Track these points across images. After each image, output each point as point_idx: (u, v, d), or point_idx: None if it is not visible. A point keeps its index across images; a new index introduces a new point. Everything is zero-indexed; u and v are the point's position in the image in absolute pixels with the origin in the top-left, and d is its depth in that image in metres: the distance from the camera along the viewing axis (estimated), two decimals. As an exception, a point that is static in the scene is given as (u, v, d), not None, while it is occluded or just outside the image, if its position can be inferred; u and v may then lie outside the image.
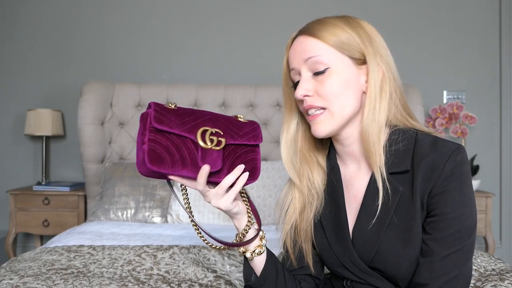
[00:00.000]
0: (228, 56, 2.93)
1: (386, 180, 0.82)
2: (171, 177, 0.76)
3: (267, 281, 0.89)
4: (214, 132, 0.79)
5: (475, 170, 2.70)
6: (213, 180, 0.79)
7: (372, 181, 0.85)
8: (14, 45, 2.94)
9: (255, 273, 0.90)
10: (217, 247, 0.89)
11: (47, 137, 2.87)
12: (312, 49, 0.82)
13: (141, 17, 2.94)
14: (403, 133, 0.84)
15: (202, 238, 0.87)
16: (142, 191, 2.28)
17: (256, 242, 0.88)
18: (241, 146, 0.83)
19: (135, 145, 2.61)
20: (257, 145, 0.85)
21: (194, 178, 0.77)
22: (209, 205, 2.16)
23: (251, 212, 0.87)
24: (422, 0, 2.94)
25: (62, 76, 2.93)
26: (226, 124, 0.82)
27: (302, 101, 0.85)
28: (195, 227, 0.86)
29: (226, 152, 0.80)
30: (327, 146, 0.96)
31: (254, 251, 0.88)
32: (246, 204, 0.87)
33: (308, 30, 0.84)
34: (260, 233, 0.89)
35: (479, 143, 2.90)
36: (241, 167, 0.79)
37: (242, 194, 0.87)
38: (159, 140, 0.75)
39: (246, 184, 0.81)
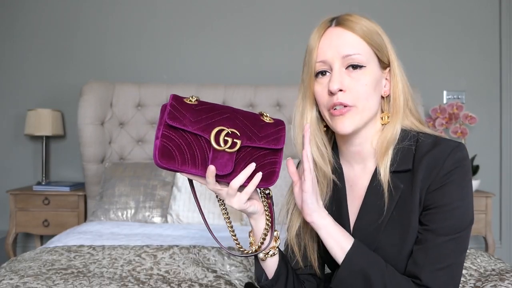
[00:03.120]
0: (228, 56, 2.93)
1: (389, 180, 0.83)
2: (183, 175, 0.76)
3: (278, 282, 0.88)
4: (230, 132, 0.76)
5: (475, 170, 2.70)
6: (225, 181, 0.77)
7: (375, 179, 0.86)
8: (14, 45, 2.94)
9: (265, 273, 0.90)
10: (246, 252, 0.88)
11: (47, 137, 2.87)
12: (351, 46, 0.81)
13: (141, 17, 2.94)
14: (408, 133, 0.85)
15: (239, 246, 0.87)
16: (142, 191, 2.28)
17: (271, 243, 0.86)
18: (259, 148, 0.79)
19: (135, 145, 2.62)
20: (279, 149, 0.81)
21: (204, 178, 0.76)
22: (209, 205, 2.16)
23: (269, 214, 0.85)
24: (422, 0, 2.95)
25: (62, 76, 2.93)
26: (246, 123, 0.78)
27: (330, 95, 0.83)
28: (234, 236, 0.86)
29: (242, 154, 0.77)
30: (331, 143, 0.96)
31: (268, 252, 0.86)
32: (265, 205, 0.85)
33: (347, 23, 0.83)
34: (275, 233, 0.87)
35: (479, 143, 2.90)
36: (251, 166, 0.77)
37: (262, 194, 0.85)
38: (173, 137, 0.74)
39: (260, 187, 0.79)
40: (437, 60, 2.94)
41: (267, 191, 0.85)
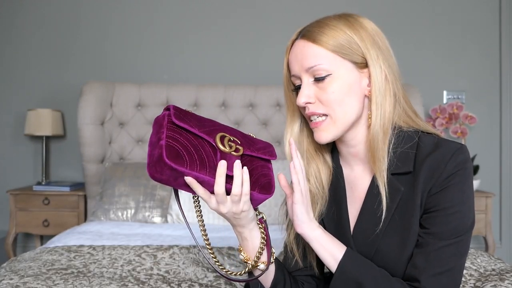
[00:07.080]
0: (228, 56, 2.93)
1: (386, 184, 0.82)
2: (187, 179, 0.71)
3: None
4: (232, 139, 0.77)
5: (475, 170, 2.70)
6: (228, 187, 0.75)
7: (374, 182, 0.85)
8: (14, 45, 2.94)
9: (261, 284, 0.89)
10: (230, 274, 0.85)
11: (47, 137, 2.87)
12: (312, 57, 0.81)
13: (141, 17, 2.94)
14: (407, 135, 0.84)
15: (217, 263, 0.84)
16: (142, 191, 2.28)
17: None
18: (256, 159, 0.81)
19: (135, 145, 2.62)
20: (270, 161, 0.84)
21: (211, 184, 0.73)
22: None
23: (263, 231, 0.83)
24: (422, 1, 2.95)
25: (62, 76, 2.93)
26: (242, 135, 0.81)
27: (304, 107, 0.85)
28: (210, 251, 0.82)
29: (243, 162, 0.78)
30: (331, 144, 0.95)
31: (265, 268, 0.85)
32: (261, 229, 0.83)
33: (308, 34, 0.82)
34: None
35: (479, 143, 2.90)
36: (238, 164, 0.75)
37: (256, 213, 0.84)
38: (177, 138, 0.72)
39: (261, 198, 0.79)
40: (437, 60, 2.94)
41: (259, 216, 0.84)
